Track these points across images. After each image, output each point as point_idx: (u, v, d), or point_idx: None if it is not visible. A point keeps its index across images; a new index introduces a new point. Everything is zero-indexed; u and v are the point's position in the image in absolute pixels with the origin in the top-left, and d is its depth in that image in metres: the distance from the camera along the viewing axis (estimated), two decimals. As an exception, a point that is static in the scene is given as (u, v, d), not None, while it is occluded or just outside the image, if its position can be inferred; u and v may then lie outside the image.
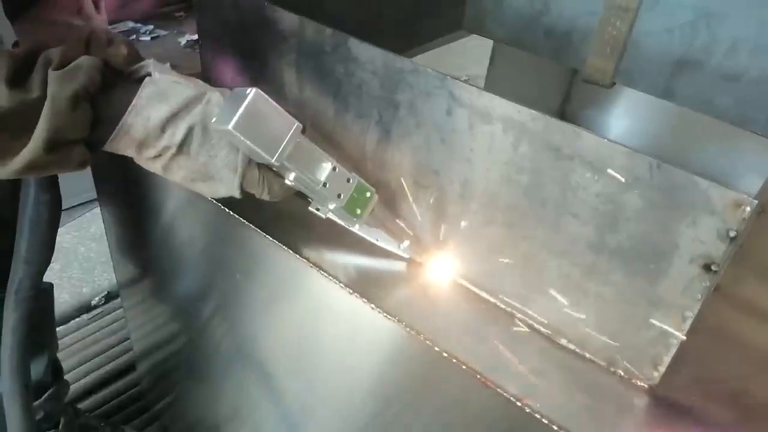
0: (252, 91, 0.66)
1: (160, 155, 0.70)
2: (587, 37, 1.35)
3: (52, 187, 0.93)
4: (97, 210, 2.36)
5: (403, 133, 0.78)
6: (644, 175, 0.60)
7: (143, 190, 1.10)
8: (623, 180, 0.61)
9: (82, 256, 2.18)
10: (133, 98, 0.67)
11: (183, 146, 0.69)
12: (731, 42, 1.17)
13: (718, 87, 1.21)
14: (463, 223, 0.78)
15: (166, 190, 1.03)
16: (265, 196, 0.75)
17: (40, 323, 1.34)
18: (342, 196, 0.75)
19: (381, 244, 0.84)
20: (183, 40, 1.36)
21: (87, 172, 1.20)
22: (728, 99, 1.21)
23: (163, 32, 1.40)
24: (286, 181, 0.73)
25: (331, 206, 0.76)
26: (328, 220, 0.80)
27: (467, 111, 0.70)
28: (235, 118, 0.64)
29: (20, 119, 0.61)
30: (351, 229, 0.82)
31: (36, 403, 1.36)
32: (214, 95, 0.70)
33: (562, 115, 1.95)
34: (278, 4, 0.85)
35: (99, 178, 1.24)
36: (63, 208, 2.22)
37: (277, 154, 0.68)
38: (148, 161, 0.72)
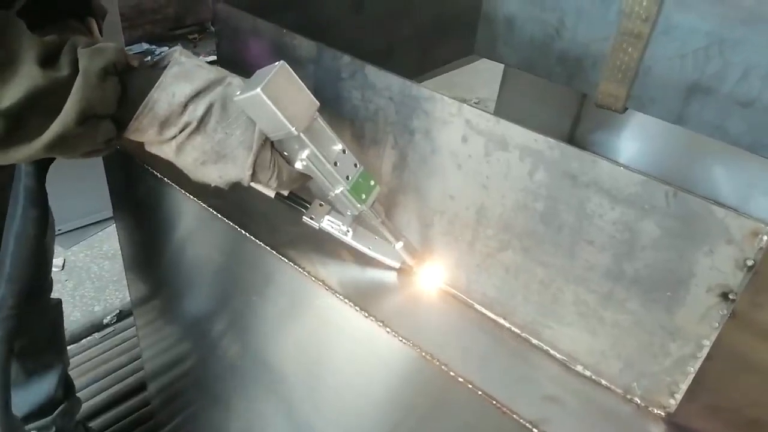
0: (281, 63, 0.69)
1: (176, 135, 0.72)
2: (599, 62, 1.36)
3: (41, 203, 0.92)
4: (110, 229, 2.39)
5: (419, 159, 0.79)
6: (660, 203, 0.60)
7: (159, 209, 1.11)
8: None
9: (95, 275, 2.20)
10: (159, 77, 0.70)
11: (201, 123, 0.71)
12: (744, 68, 1.18)
13: (731, 113, 1.21)
14: (478, 248, 0.78)
15: (182, 209, 1.04)
16: (273, 182, 0.75)
17: (50, 339, 1.34)
18: (350, 178, 0.76)
19: (373, 252, 0.84)
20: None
21: (102, 191, 1.21)
22: (741, 125, 1.21)
23: (178, 55, 1.42)
24: (297, 163, 0.74)
25: (338, 190, 0.76)
26: (331, 237, 0.81)
27: (483, 138, 0.71)
28: (265, 82, 0.67)
29: (52, 97, 0.63)
30: (344, 238, 0.83)
31: (48, 418, 1.36)
32: (235, 79, 0.73)
33: (572, 138, 1.96)
34: (296, 31, 0.86)
35: (115, 195, 1.25)
36: (76, 227, 2.22)
37: (298, 124, 0.70)
38: (163, 145, 0.73)
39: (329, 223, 0.83)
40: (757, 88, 1.18)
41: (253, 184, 0.76)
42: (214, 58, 1.06)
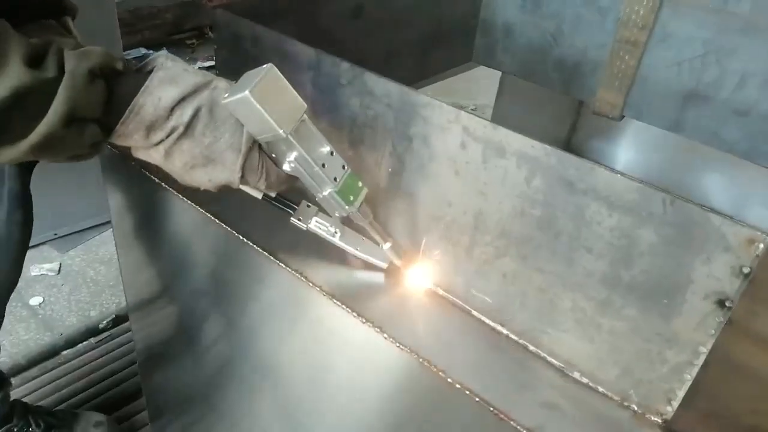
0: (269, 65, 0.69)
1: (164, 140, 0.71)
2: (596, 70, 1.36)
3: (25, 205, 0.91)
4: (107, 233, 2.39)
5: (417, 166, 0.79)
6: (657, 211, 0.61)
7: (156, 213, 1.11)
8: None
9: (91, 279, 2.19)
10: (144, 82, 0.69)
11: (189, 128, 0.71)
12: (740, 76, 1.19)
13: (727, 120, 1.22)
14: (475, 255, 0.78)
15: (178, 213, 1.04)
16: (261, 184, 0.76)
17: None
18: (338, 180, 0.76)
19: (361, 253, 0.84)
20: (195, 67, 1.38)
21: (99, 195, 1.21)
22: (737, 132, 1.22)
23: (176, 59, 1.42)
24: (285, 165, 0.74)
25: (326, 192, 0.76)
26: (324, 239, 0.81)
27: (481, 145, 0.71)
28: (253, 85, 0.67)
29: (38, 98, 0.63)
30: (332, 240, 0.83)
31: None
32: (221, 83, 0.73)
33: (569, 145, 1.97)
34: (295, 37, 0.86)
35: (112, 200, 1.25)
36: (73, 231, 2.21)
37: (286, 126, 0.70)
38: (151, 149, 0.73)
39: (317, 225, 0.84)
40: (754, 97, 1.18)
41: (241, 186, 0.77)
42: (212, 63, 1.06)
